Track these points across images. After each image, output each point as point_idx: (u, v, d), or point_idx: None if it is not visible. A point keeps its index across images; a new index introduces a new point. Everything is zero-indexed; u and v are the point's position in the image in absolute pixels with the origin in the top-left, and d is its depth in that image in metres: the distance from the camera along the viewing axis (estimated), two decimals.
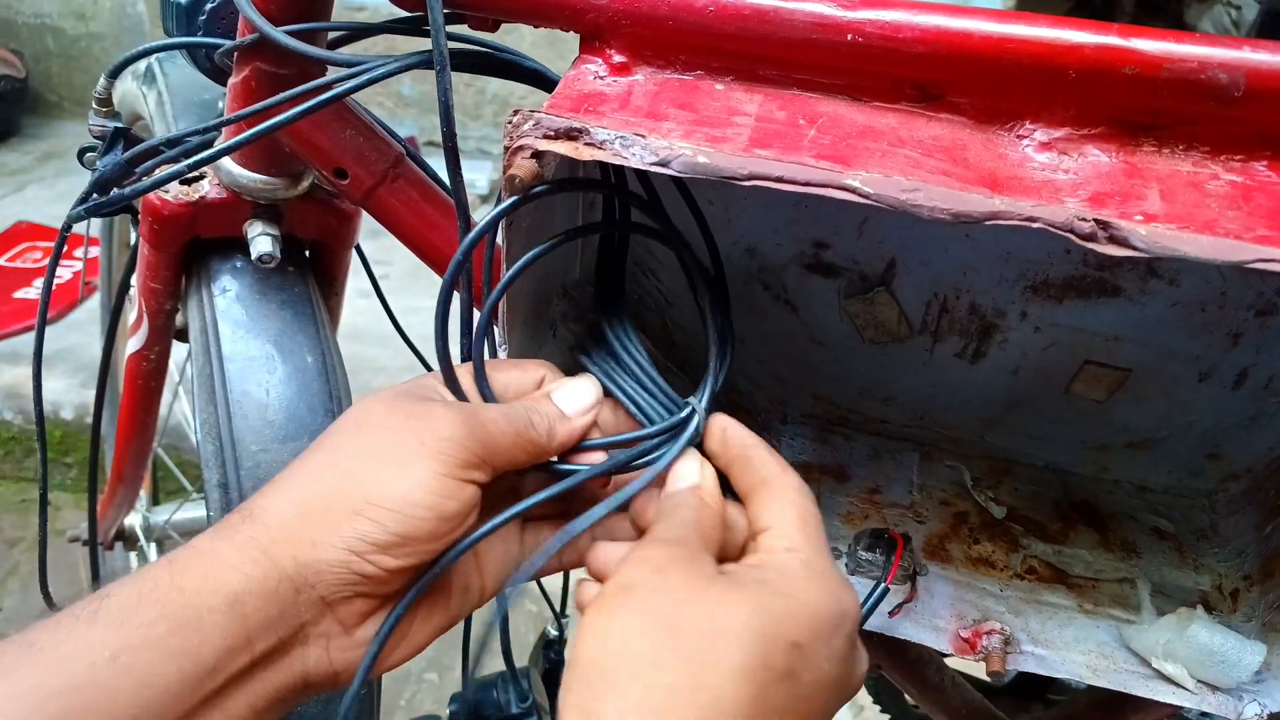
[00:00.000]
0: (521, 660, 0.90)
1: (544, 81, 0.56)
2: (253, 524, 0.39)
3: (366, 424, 0.42)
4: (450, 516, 0.40)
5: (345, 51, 0.58)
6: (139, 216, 0.69)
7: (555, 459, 0.46)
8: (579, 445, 0.47)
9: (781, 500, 0.43)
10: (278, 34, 0.51)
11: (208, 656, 0.36)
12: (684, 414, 0.47)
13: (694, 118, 0.43)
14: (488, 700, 0.82)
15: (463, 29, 0.50)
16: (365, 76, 0.51)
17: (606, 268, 0.54)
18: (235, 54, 0.58)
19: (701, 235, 0.52)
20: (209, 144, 0.61)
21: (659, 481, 0.45)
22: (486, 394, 0.46)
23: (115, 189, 0.58)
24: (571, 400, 0.47)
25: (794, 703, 0.36)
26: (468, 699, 0.79)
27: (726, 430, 0.46)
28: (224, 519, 0.40)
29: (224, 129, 0.62)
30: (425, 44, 0.47)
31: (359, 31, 0.59)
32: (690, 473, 0.45)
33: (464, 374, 0.46)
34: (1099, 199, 0.39)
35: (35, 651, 0.34)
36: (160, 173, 0.57)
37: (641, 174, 0.50)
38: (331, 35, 0.58)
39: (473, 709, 0.80)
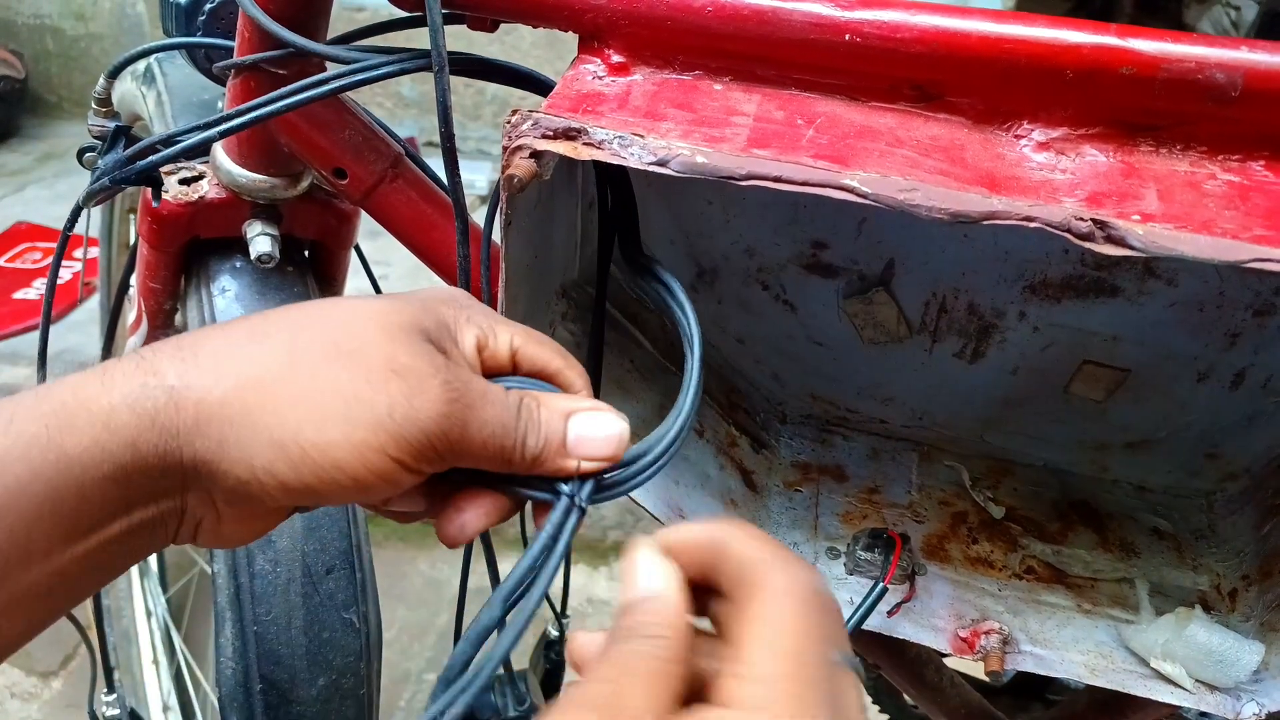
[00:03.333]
0: (520, 662, 0.90)
1: (540, 86, 0.56)
2: (166, 395, 0.34)
3: (345, 347, 0.35)
4: (374, 492, 0.35)
5: (348, 49, 0.58)
6: (139, 215, 0.69)
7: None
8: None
9: (759, 617, 0.31)
10: (279, 29, 0.52)
11: (80, 523, 0.33)
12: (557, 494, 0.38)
13: (692, 118, 0.43)
14: (485, 703, 0.81)
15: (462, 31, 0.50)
16: (362, 75, 0.51)
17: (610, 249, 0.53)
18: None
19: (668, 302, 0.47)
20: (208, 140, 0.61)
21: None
22: None
23: (139, 160, 0.58)
24: (586, 434, 0.38)
25: None
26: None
27: (677, 533, 0.35)
28: (127, 362, 0.35)
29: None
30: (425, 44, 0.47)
31: (359, 33, 0.60)
32: (649, 577, 0.33)
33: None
34: (1096, 199, 0.39)
35: None
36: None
37: (617, 194, 0.50)
38: (331, 37, 0.58)
39: (470, 711, 0.80)
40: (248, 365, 0.35)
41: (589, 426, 0.38)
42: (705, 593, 0.34)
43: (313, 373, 0.34)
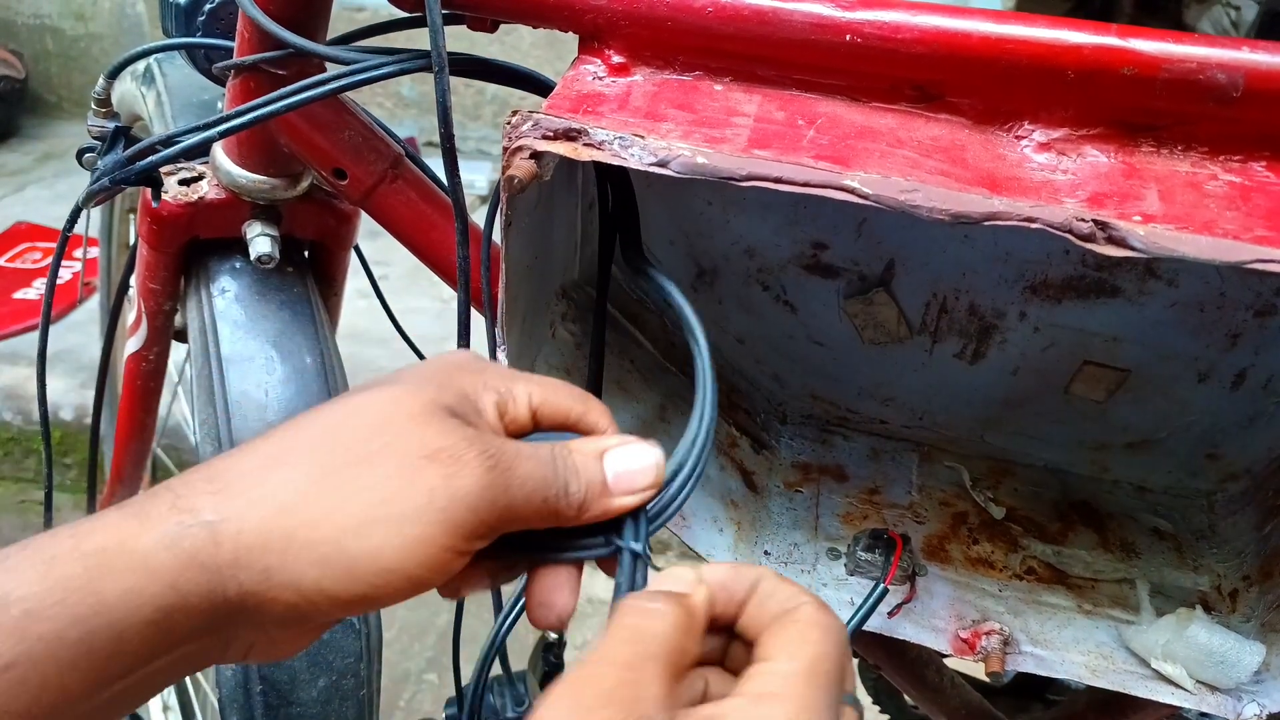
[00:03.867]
0: (520, 664, 0.90)
1: (540, 87, 0.56)
2: (204, 531, 0.33)
3: (374, 444, 0.34)
4: (428, 586, 0.34)
5: (347, 50, 0.58)
6: (139, 216, 0.69)
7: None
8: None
9: (787, 635, 0.32)
10: (279, 30, 0.52)
11: (122, 665, 0.32)
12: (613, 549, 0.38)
13: (693, 118, 0.43)
14: (484, 704, 0.81)
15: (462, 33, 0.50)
16: (361, 75, 0.51)
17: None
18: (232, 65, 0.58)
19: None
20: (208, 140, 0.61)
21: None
22: None
23: (138, 160, 0.58)
24: (624, 469, 0.38)
25: None
26: (464, 702, 0.79)
27: (713, 576, 0.35)
28: (160, 500, 0.34)
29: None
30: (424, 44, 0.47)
31: (359, 33, 0.60)
32: (677, 581, 0.34)
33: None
34: (1097, 199, 0.39)
35: None
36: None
37: (618, 200, 0.50)
38: (331, 37, 0.58)
39: (469, 713, 0.80)
40: (281, 488, 0.34)
41: (625, 461, 0.38)
42: (727, 638, 0.35)
43: (346, 480, 0.34)
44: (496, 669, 0.80)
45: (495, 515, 0.34)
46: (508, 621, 0.62)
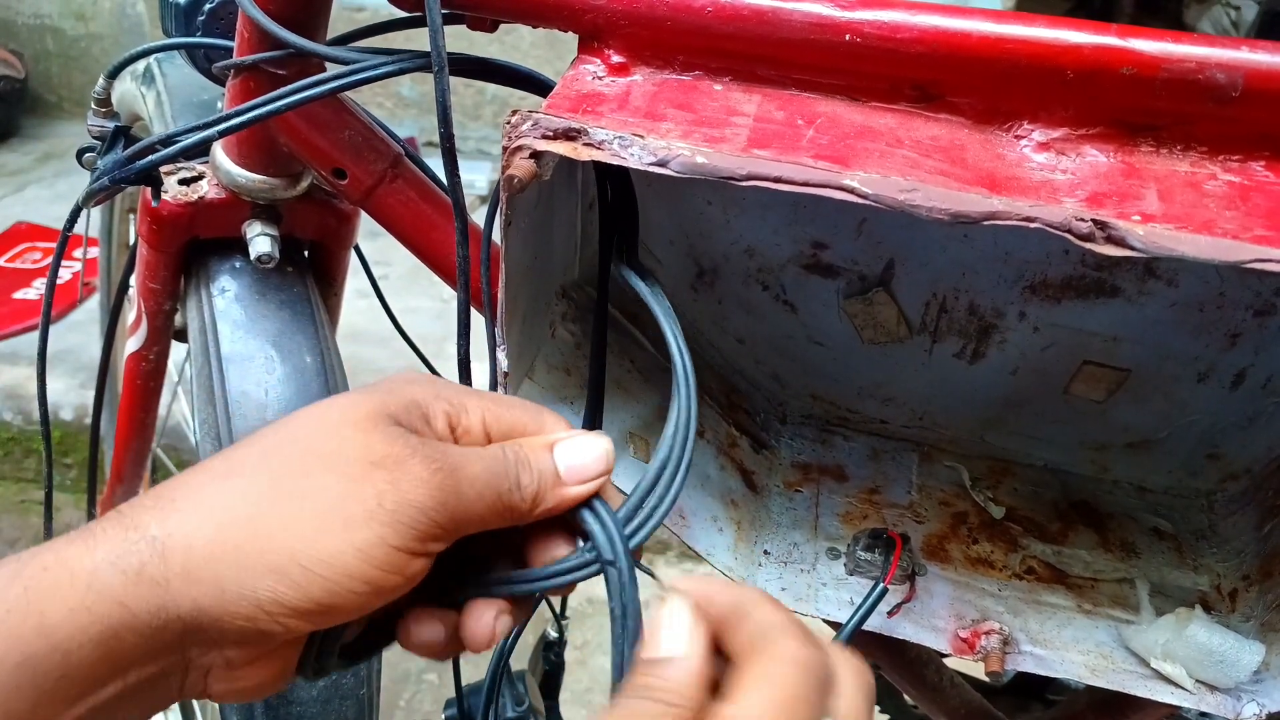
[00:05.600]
0: (520, 664, 0.90)
1: (540, 87, 0.56)
2: (150, 547, 0.32)
3: (320, 453, 0.34)
4: (389, 590, 0.34)
5: (347, 50, 0.58)
6: (139, 216, 0.69)
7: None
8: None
9: (763, 675, 0.31)
10: (279, 29, 0.52)
11: (71, 690, 0.31)
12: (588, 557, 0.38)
13: (692, 118, 0.43)
14: (483, 705, 0.81)
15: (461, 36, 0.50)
16: (361, 75, 0.51)
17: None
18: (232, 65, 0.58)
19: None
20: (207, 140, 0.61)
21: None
22: None
23: (138, 160, 0.58)
24: (575, 461, 0.38)
25: None
26: (463, 703, 0.79)
27: (707, 589, 0.35)
28: (108, 521, 0.33)
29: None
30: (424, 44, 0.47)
31: (359, 33, 0.60)
32: (676, 639, 0.33)
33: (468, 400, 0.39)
34: (1097, 199, 0.39)
35: None
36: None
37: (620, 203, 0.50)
38: (331, 37, 0.58)
39: (468, 713, 0.80)
40: (229, 500, 0.33)
41: (575, 452, 0.38)
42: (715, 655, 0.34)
43: (294, 489, 0.33)
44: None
45: (447, 516, 0.34)
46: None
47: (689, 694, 0.32)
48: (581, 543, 0.39)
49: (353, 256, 0.79)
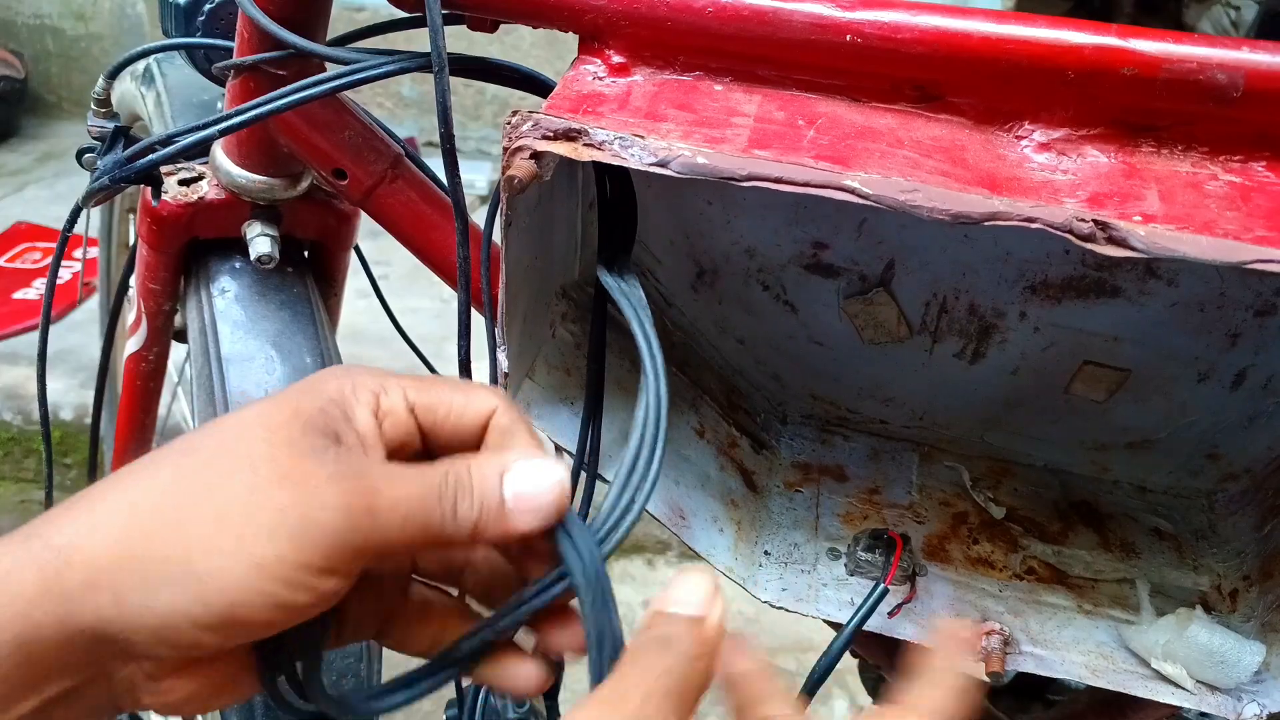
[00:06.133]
0: None
1: (540, 87, 0.56)
2: (54, 556, 0.31)
3: (230, 463, 0.32)
4: (301, 608, 0.32)
5: (347, 50, 0.59)
6: (139, 216, 0.69)
7: None
8: None
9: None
10: (279, 30, 0.52)
11: None
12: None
13: (693, 118, 0.43)
14: (484, 705, 0.81)
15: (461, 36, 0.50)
16: (361, 75, 0.51)
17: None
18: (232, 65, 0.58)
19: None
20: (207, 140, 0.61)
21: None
22: None
23: (138, 160, 0.58)
24: (524, 489, 0.34)
25: None
26: (463, 703, 0.79)
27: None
28: (16, 532, 0.32)
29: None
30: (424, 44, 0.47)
31: (359, 33, 0.60)
32: (693, 595, 0.33)
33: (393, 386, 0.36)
34: (1098, 199, 0.39)
35: None
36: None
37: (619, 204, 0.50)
38: (331, 38, 0.58)
39: (469, 714, 0.80)
40: (131, 508, 0.32)
41: (525, 480, 0.35)
42: None
43: (197, 498, 0.31)
44: None
45: (361, 540, 0.32)
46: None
47: (714, 642, 0.32)
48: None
49: (353, 256, 0.79)
